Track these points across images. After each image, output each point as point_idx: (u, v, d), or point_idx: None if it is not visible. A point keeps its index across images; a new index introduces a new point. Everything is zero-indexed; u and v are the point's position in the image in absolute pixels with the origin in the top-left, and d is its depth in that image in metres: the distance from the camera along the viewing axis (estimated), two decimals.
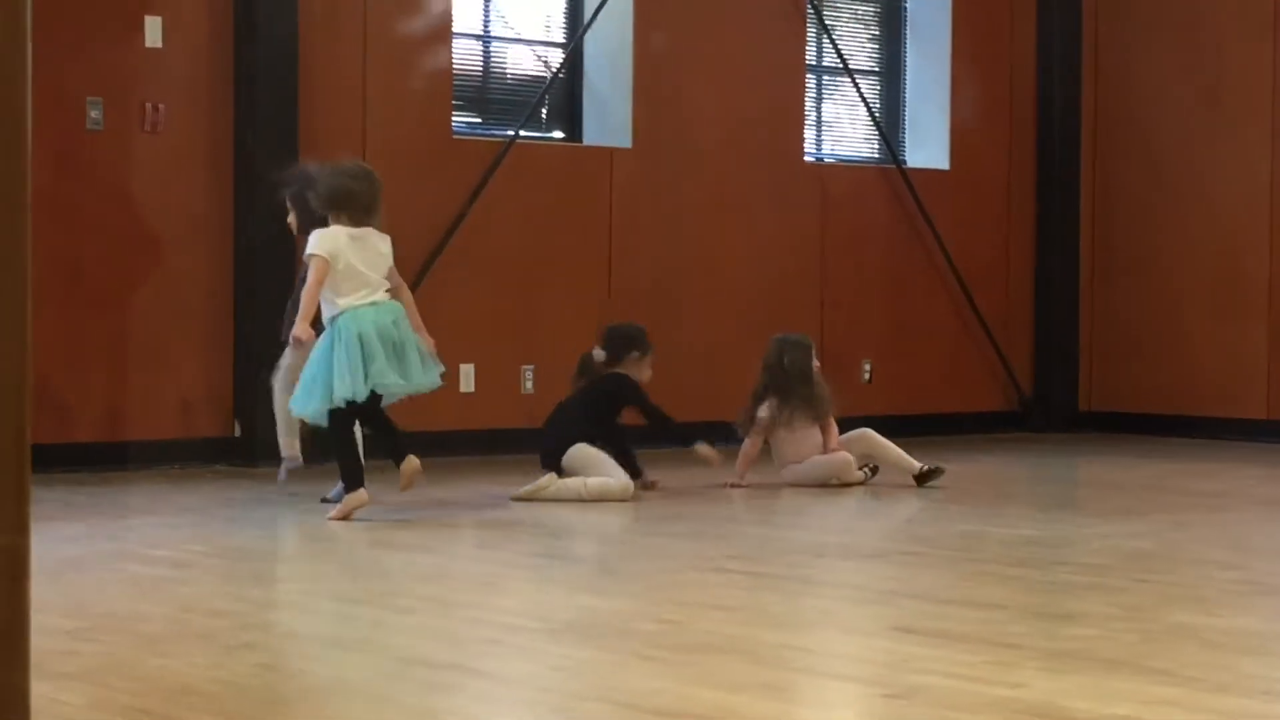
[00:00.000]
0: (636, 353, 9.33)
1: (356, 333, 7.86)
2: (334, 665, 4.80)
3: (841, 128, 13.11)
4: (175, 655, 4.93)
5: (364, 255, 7.99)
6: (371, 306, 7.95)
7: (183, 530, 7.71)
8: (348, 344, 7.85)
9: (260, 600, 6.00)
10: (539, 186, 11.31)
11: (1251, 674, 4.76)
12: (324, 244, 7.93)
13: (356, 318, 7.89)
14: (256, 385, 9.89)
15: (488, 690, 4.58)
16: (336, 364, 7.86)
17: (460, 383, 10.97)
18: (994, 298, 13.29)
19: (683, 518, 8.38)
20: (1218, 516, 8.48)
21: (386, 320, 7.94)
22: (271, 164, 10.01)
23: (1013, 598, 6.06)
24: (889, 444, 9.51)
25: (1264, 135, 12.65)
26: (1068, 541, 7.57)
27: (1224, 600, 6.00)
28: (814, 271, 12.45)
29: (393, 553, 7.30)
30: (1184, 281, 13.06)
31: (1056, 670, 4.73)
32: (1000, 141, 13.38)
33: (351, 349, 7.85)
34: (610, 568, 6.84)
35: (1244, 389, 12.69)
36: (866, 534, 8.23)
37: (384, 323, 7.93)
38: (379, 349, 7.87)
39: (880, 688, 4.60)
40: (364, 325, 7.87)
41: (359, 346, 7.85)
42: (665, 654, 4.95)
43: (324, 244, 7.93)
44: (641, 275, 11.65)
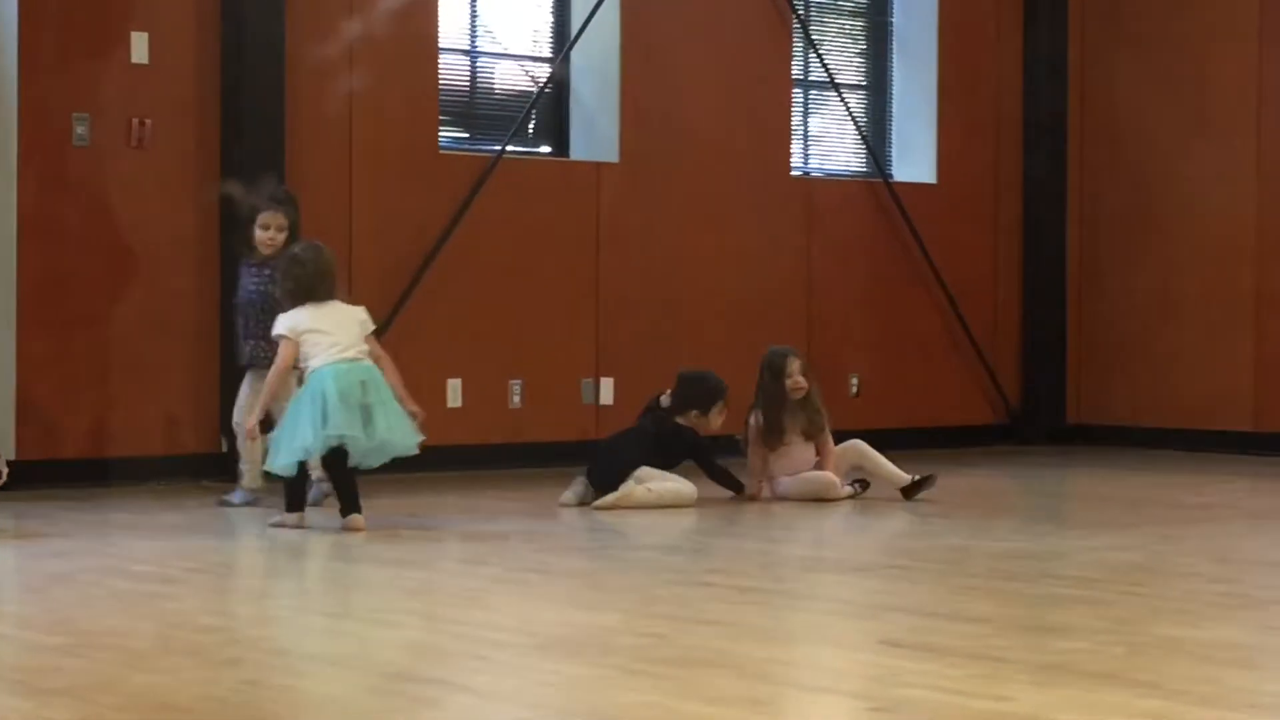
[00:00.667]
0: (696, 412, 9.38)
1: (321, 390, 8.02)
2: (320, 681, 4.79)
3: (829, 142, 13.12)
4: (161, 671, 4.92)
5: (331, 319, 8.21)
6: (342, 364, 8.10)
7: (169, 546, 7.69)
8: (310, 398, 8.03)
9: (246, 616, 5.99)
10: (526, 201, 11.31)
11: (1238, 687, 4.76)
12: (287, 323, 8.19)
13: (323, 375, 8.06)
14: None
15: (474, 705, 4.58)
16: (299, 418, 8.04)
17: (448, 397, 10.97)
18: (981, 311, 13.30)
19: (669, 531, 8.38)
20: (1205, 529, 8.49)
21: (354, 379, 8.08)
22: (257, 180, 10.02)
23: (1000, 611, 6.06)
24: (879, 456, 9.51)
25: (1249, 150, 12.67)
26: (1055, 554, 7.57)
27: (1211, 613, 6.00)
28: (801, 285, 12.45)
29: (379, 568, 7.29)
30: (1170, 294, 13.08)
31: (1043, 683, 4.72)
32: (987, 156, 13.39)
33: (314, 403, 8.01)
34: (597, 582, 6.83)
35: (1230, 402, 12.70)
36: (853, 548, 8.23)
37: (350, 381, 8.06)
38: (339, 405, 7.99)
39: (867, 701, 4.60)
40: (328, 383, 8.02)
41: (321, 401, 8.00)
42: (651, 668, 4.95)
43: (287, 323, 8.19)
44: (629, 290, 11.65)
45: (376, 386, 8.14)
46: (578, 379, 11.49)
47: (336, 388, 8.00)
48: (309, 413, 8.00)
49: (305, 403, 8.04)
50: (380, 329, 10.62)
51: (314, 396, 8.02)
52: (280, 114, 10.28)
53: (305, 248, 8.48)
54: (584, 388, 11.51)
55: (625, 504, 8.90)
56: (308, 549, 7.72)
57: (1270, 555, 7.72)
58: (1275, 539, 8.58)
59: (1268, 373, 12.54)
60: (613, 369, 11.57)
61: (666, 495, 9.00)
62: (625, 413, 11.16)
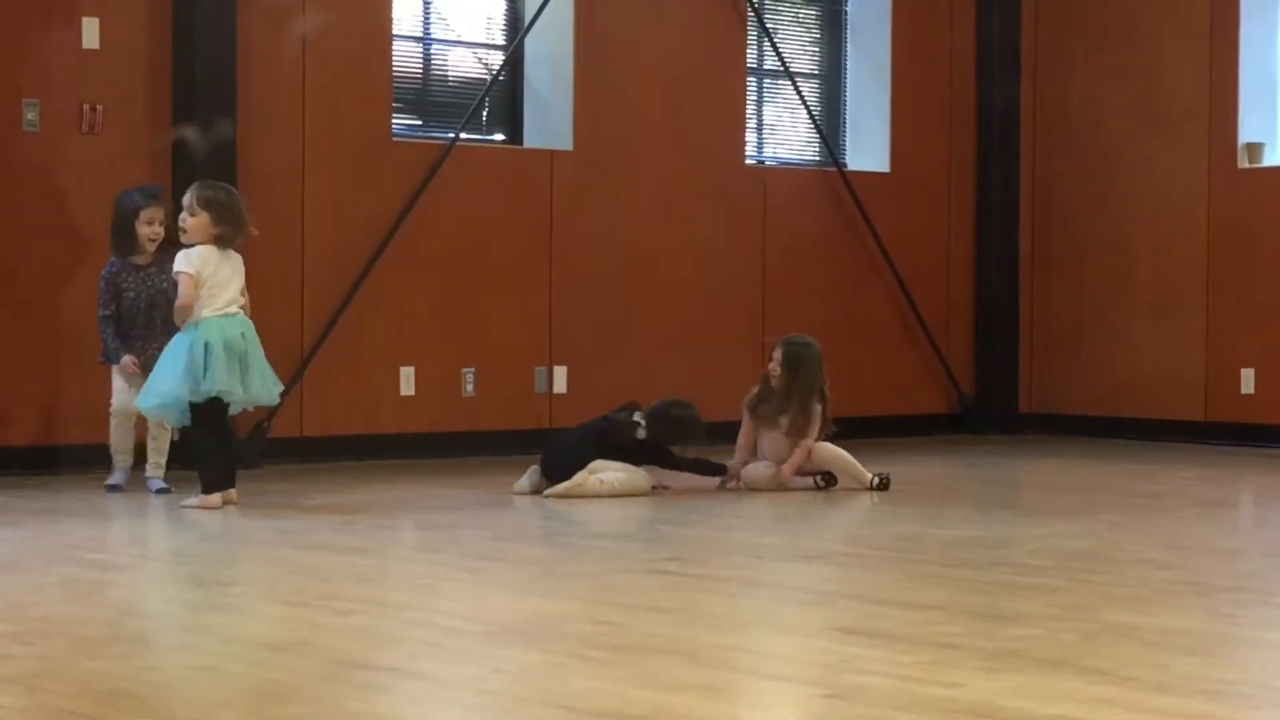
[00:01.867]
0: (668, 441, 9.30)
1: (205, 340, 8.25)
2: (271, 667, 4.77)
3: (783, 131, 13.13)
4: (111, 658, 4.90)
5: (228, 267, 8.41)
6: (226, 318, 8.34)
7: (119, 533, 7.66)
8: (193, 348, 8.24)
9: (197, 603, 5.96)
10: (480, 189, 11.29)
11: (1188, 673, 4.78)
12: (196, 262, 8.32)
13: (210, 326, 8.28)
14: None
15: (427, 693, 4.56)
16: (181, 365, 8.25)
17: (400, 385, 10.95)
18: (934, 300, 13.33)
19: (623, 519, 8.38)
20: (1156, 517, 8.52)
21: (236, 332, 8.34)
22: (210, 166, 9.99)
23: (952, 598, 6.07)
24: (844, 454, 9.46)
25: (1201, 137, 12.73)
26: (1007, 542, 7.59)
27: (1162, 600, 6.02)
28: (755, 274, 12.46)
29: (332, 555, 7.27)
30: (1123, 284, 13.13)
31: (995, 670, 4.74)
32: (940, 144, 13.42)
33: (196, 353, 8.24)
34: (550, 570, 6.82)
35: (1182, 391, 12.77)
36: (806, 535, 8.23)
37: (234, 334, 8.33)
38: (222, 357, 8.25)
39: (819, 688, 4.61)
40: (213, 334, 8.26)
41: (204, 352, 8.23)
42: (605, 655, 4.94)
43: (196, 262, 8.32)
44: (582, 278, 11.64)
45: (252, 340, 8.40)
46: (531, 367, 11.48)
47: (222, 341, 8.25)
48: (187, 361, 8.23)
49: (183, 351, 8.26)
50: (333, 317, 10.63)
51: (195, 347, 8.24)
52: (233, 101, 10.24)
53: (226, 188, 8.60)
54: (537, 376, 11.50)
55: (577, 493, 8.89)
56: (259, 536, 7.69)
57: (1220, 543, 7.76)
58: (1225, 527, 8.63)
59: (1219, 363, 12.61)
60: (566, 358, 11.56)
61: (619, 485, 8.99)
62: (578, 401, 11.17)
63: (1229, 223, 12.62)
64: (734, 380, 11.76)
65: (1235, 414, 12.52)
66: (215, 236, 8.37)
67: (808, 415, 9.42)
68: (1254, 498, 9.95)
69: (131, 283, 9.09)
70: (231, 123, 10.17)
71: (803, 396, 9.44)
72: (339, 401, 10.42)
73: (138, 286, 9.09)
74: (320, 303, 10.57)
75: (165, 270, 8.88)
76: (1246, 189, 12.59)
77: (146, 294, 9.07)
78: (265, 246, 10.43)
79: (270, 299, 10.33)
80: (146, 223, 9.10)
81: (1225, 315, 12.61)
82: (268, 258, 10.46)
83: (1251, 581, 6.53)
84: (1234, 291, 12.59)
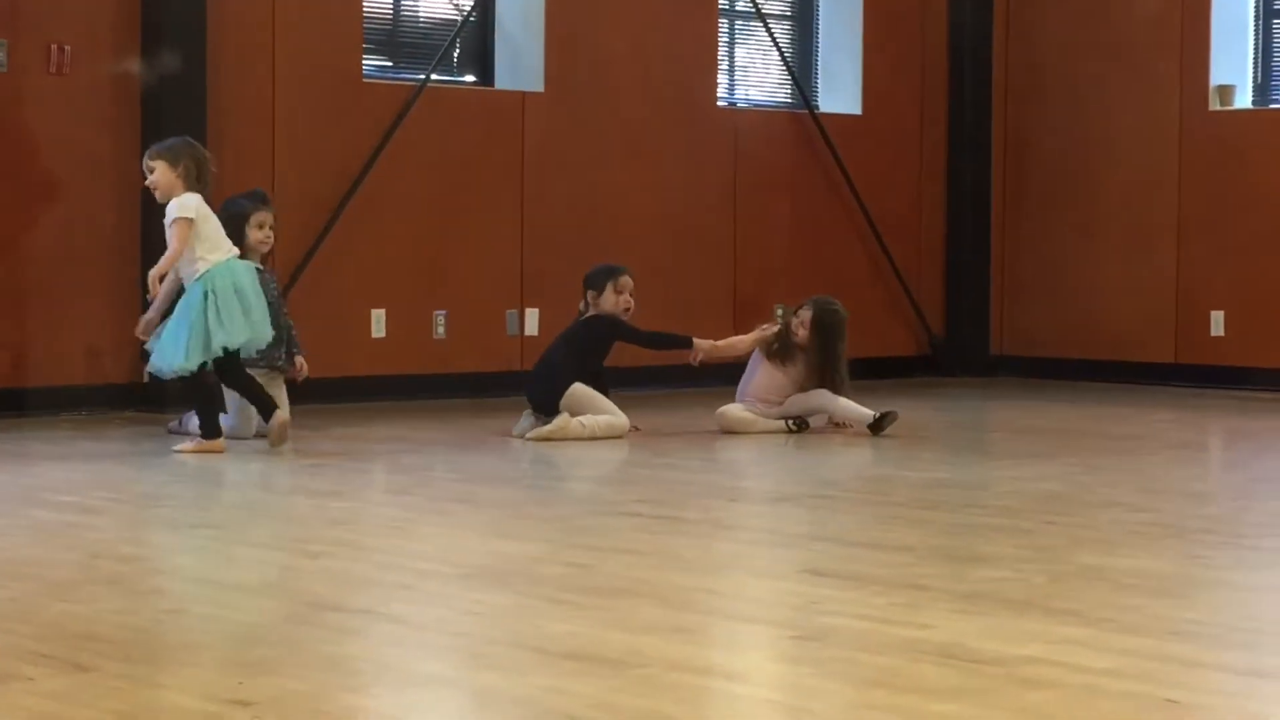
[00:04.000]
0: (592, 291, 9.44)
1: (232, 284, 8.19)
2: (243, 610, 4.77)
3: (754, 72, 13.09)
4: (82, 601, 4.89)
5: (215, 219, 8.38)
6: (236, 261, 8.32)
7: (90, 476, 7.64)
8: (223, 295, 8.16)
9: (168, 546, 5.95)
10: (450, 131, 11.24)
11: (1159, 615, 4.80)
12: (188, 209, 8.23)
13: (228, 270, 8.23)
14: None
15: (399, 635, 4.57)
16: (212, 315, 8.14)
17: (372, 328, 10.92)
18: (906, 242, 13.33)
19: (596, 462, 8.39)
20: (1126, 459, 8.55)
21: (249, 277, 8.32)
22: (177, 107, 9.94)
23: (923, 540, 6.09)
24: (843, 400, 9.45)
25: (1172, 80, 12.72)
26: (978, 485, 7.62)
27: (1132, 542, 6.05)
28: (726, 216, 12.44)
29: (303, 498, 7.27)
30: (1094, 227, 13.14)
31: (965, 611, 4.75)
32: (912, 86, 13.39)
33: (227, 299, 8.16)
34: (522, 512, 6.83)
35: (1153, 333, 12.79)
36: (778, 478, 8.25)
37: (248, 279, 8.31)
38: (253, 301, 8.25)
39: (790, 630, 4.62)
40: (238, 277, 8.23)
41: (234, 297, 8.18)
42: (576, 598, 4.95)
43: (188, 209, 8.23)
44: (554, 220, 11.61)
45: (253, 282, 8.35)
46: (502, 310, 11.45)
47: (249, 285, 8.24)
48: (221, 309, 8.15)
49: (214, 299, 8.16)
50: (303, 259, 10.59)
51: (224, 293, 8.17)
52: (201, 41, 10.17)
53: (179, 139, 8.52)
54: (509, 319, 11.48)
55: (559, 436, 8.91)
56: (231, 479, 7.69)
57: (1191, 486, 7.79)
58: (1196, 470, 8.67)
59: (1189, 305, 12.64)
60: (537, 300, 11.54)
61: (599, 427, 9.02)
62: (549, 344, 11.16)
63: (1200, 165, 12.63)
64: (703, 323, 11.77)
65: (1205, 356, 12.55)
66: (188, 180, 8.30)
67: (835, 386, 9.44)
68: (1224, 440, 9.99)
69: None
70: (198, 58, 10.09)
71: (834, 365, 9.46)
72: (310, 344, 10.34)
73: None
74: (290, 245, 10.52)
75: (272, 278, 8.87)
76: (1218, 131, 12.59)
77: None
78: (234, 188, 10.40)
79: None
80: (258, 226, 8.83)
81: (1196, 258, 12.63)
82: None
83: (1221, 524, 6.56)
84: (1204, 234, 12.60)
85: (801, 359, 9.48)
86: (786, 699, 3.97)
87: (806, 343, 9.48)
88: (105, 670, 4.05)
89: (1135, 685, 3.96)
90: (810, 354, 9.47)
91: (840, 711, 3.81)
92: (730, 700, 3.94)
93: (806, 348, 9.48)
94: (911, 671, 4.09)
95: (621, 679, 4.00)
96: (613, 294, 9.41)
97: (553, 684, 3.96)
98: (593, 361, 9.31)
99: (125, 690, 3.86)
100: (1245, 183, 12.42)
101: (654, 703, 3.81)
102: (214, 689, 3.86)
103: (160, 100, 9.99)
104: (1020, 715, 3.69)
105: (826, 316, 9.53)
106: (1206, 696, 3.97)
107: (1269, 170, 12.31)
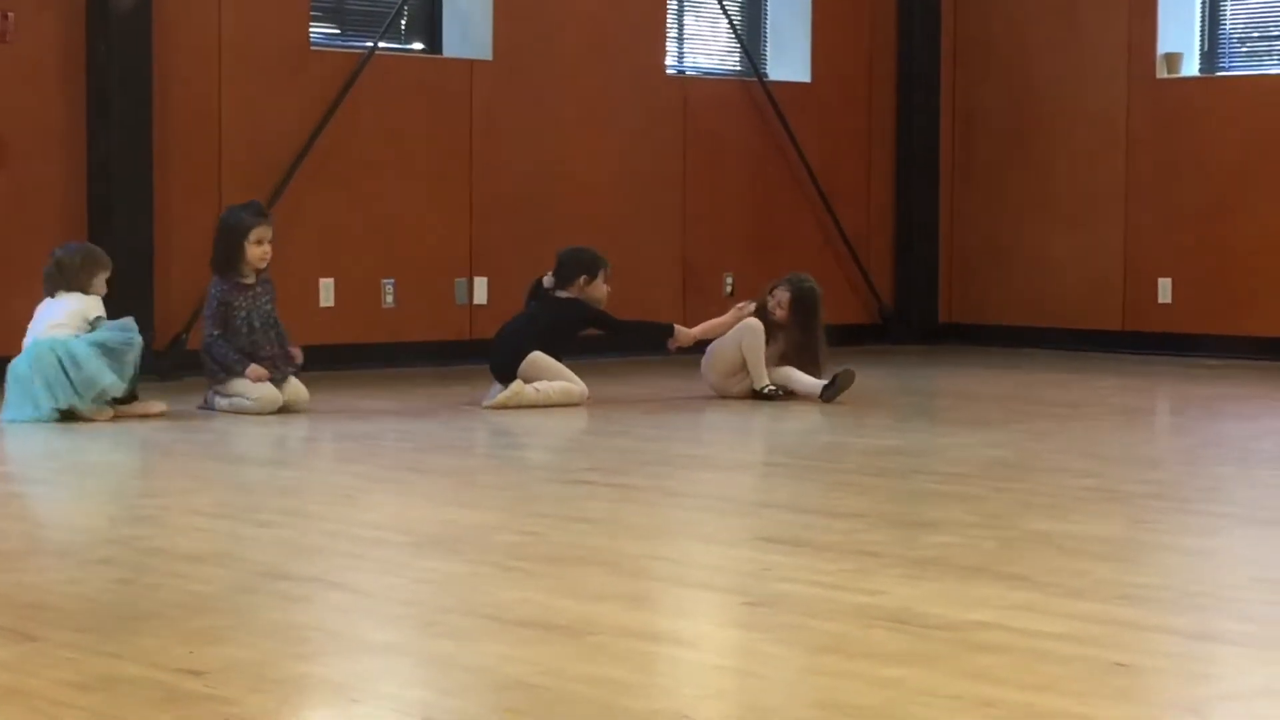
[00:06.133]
0: (585, 277, 9.37)
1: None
2: (192, 579, 4.76)
3: (703, 40, 13.07)
4: (31, 571, 4.87)
5: None
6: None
7: (37, 446, 7.60)
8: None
9: (117, 516, 5.93)
10: (399, 99, 11.20)
11: (1106, 579, 4.83)
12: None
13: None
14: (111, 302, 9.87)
15: (350, 603, 4.56)
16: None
17: (320, 297, 10.89)
18: (855, 210, 13.34)
19: (549, 430, 8.39)
20: (1074, 426, 8.59)
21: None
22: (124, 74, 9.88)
23: (873, 507, 6.11)
24: (796, 373, 9.45)
25: (1120, 47, 12.76)
26: (927, 451, 7.64)
27: (1079, 507, 6.08)
28: (676, 184, 12.43)
29: (251, 467, 7.25)
30: (1042, 194, 13.17)
31: (916, 577, 4.77)
32: (861, 54, 13.40)
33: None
34: (473, 481, 6.82)
35: (1100, 301, 12.84)
36: (728, 445, 8.26)
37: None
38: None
39: (741, 596, 4.63)
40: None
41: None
42: (528, 565, 4.95)
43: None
44: (503, 188, 11.59)
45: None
46: (451, 278, 11.43)
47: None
48: None
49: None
50: None
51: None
52: (148, 7, 10.10)
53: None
54: (458, 287, 11.45)
55: (514, 403, 8.89)
56: (178, 449, 7.66)
57: (1138, 451, 7.84)
58: (1143, 435, 8.71)
59: (1137, 273, 12.69)
60: (486, 268, 11.52)
61: (555, 394, 9.01)
62: (499, 312, 11.13)
63: (1147, 133, 12.67)
64: (652, 291, 11.78)
65: (1153, 323, 12.61)
66: None
67: (817, 362, 9.44)
68: (1171, 406, 10.04)
69: (241, 302, 8.76)
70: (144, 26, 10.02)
71: (817, 343, 9.48)
72: None
73: (247, 305, 8.76)
74: None
75: (267, 290, 8.82)
76: (1165, 99, 12.64)
77: (256, 313, 8.77)
78: (182, 156, 10.35)
79: (188, 209, 10.25)
80: (256, 242, 8.76)
81: (1143, 225, 12.67)
82: (184, 168, 10.37)
83: (1168, 489, 6.60)
84: (1152, 202, 12.65)
85: (780, 337, 9.48)
86: (738, 664, 3.98)
87: (786, 322, 9.48)
88: (55, 640, 4.03)
89: (1084, 649, 3.98)
90: (792, 333, 9.48)
91: (792, 677, 3.82)
92: (682, 666, 3.95)
93: (787, 326, 9.48)
94: (862, 637, 4.11)
95: (574, 646, 4.01)
96: (603, 282, 9.40)
97: (505, 651, 3.96)
98: (560, 342, 9.29)
99: (75, 660, 3.85)
100: (1192, 150, 12.46)
101: (606, 669, 3.81)
102: (164, 658, 3.85)
103: (106, 67, 9.92)
104: (970, 679, 3.71)
105: (806, 296, 9.54)
106: (1155, 659, 4.00)
107: (1216, 138, 12.36)
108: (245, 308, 8.77)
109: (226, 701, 3.53)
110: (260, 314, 8.80)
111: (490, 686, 3.70)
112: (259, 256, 8.80)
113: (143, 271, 10.08)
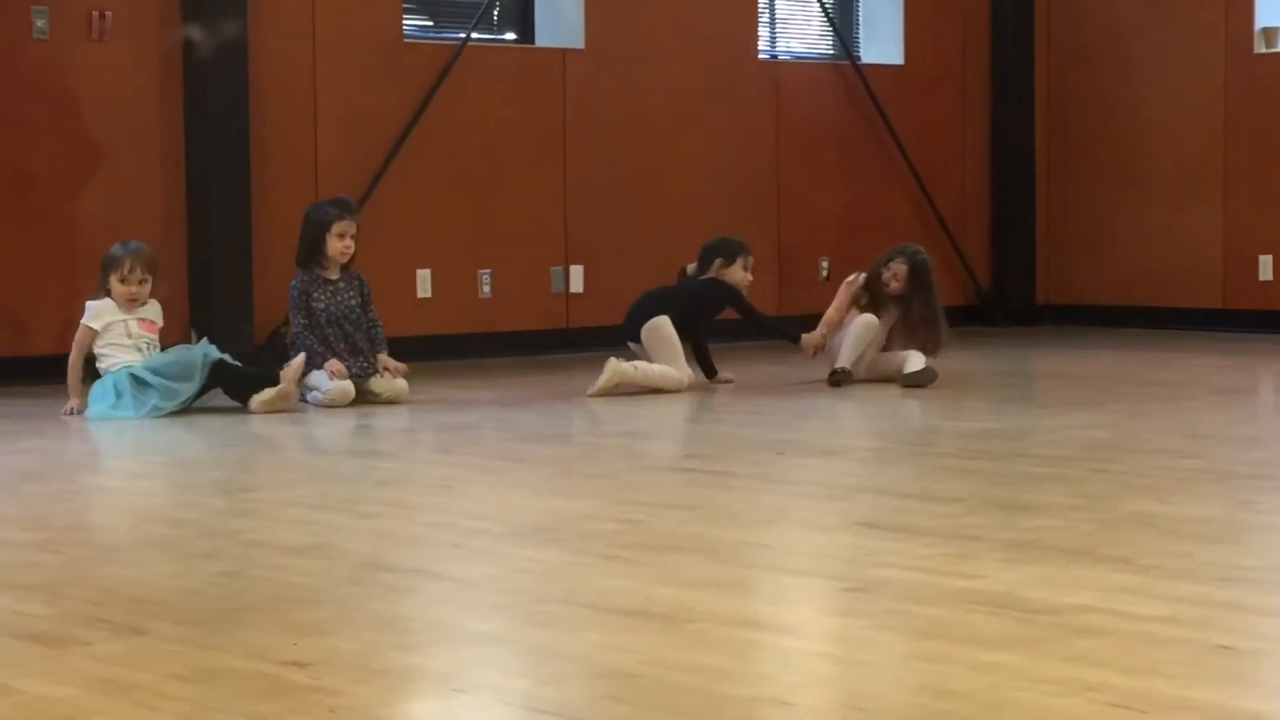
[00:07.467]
0: (721, 259, 9.44)
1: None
2: (296, 572, 4.80)
3: (795, 24, 13.04)
4: (136, 565, 4.93)
5: None
6: None
7: (141, 441, 7.68)
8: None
9: (220, 509, 5.99)
10: (492, 89, 11.24)
11: (1208, 561, 4.79)
12: None
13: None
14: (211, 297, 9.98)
15: (451, 593, 4.59)
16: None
17: (417, 288, 10.94)
18: (950, 192, 13.28)
19: (644, 418, 8.39)
20: (1174, 406, 8.52)
21: None
22: (221, 72, 9.95)
23: (972, 490, 6.08)
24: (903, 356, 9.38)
25: (1217, 22, 12.63)
26: (1026, 433, 7.60)
27: (1180, 488, 6.03)
28: (770, 170, 12.41)
29: (352, 459, 7.30)
30: (1139, 172, 13.07)
31: (1015, 561, 4.75)
32: (954, 35, 13.32)
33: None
34: (571, 470, 6.84)
35: (1199, 279, 12.73)
36: (825, 431, 8.25)
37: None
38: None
39: (840, 582, 4.63)
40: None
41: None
42: (627, 554, 4.96)
43: None
44: (596, 177, 11.61)
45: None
46: (547, 267, 11.46)
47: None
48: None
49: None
50: None
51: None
52: (243, 3, 10.17)
53: None
54: (553, 276, 11.48)
55: (614, 383, 8.88)
56: (279, 441, 7.72)
57: (1238, 431, 7.76)
58: (1243, 414, 8.63)
59: (1236, 250, 12.57)
60: (582, 257, 11.54)
61: (654, 375, 9.02)
62: (595, 300, 11.19)
63: (1245, 109, 12.54)
64: None
65: (1253, 301, 12.48)
66: None
67: (937, 338, 9.39)
68: (1272, 385, 9.94)
69: (321, 296, 8.80)
70: (239, 23, 10.11)
71: (937, 315, 9.41)
72: None
73: (328, 299, 8.80)
74: None
75: (353, 285, 8.87)
76: (1263, 74, 12.50)
77: (337, 307, 8.81)
78: (278, 152, 10.42)
79: (285, 204, 10.31)
80: (339, 236, 8.80)
81: (1242, 203, 12.55)
82: (281, 163, 10.44)
83: (1270, 468, 6.54)
84: (1250, 178, 12.52)
85: (894, 310, 9.42)
86: (838, 651, 3.98)
87: (905, 294, 9.41)
88: (161, 634, 4.08)
89: (1187, 632, 3.95)
90: (914, 305, 9.39)
91: (892, 662, 3.81)
92: (782, 654, 3.95)
93: (907, 300, 9.41)
94: (963, 622, 4.09)
95: (673, 634, 4.02)
96: (741, 269, 9.45)
97: (605, 640, 3.98)
98: (694, 317, 9.35)
99: (182, 653, 3.89)
100: None
101: (706, 657, 3.82)
102: (269, 651, 3.89)
103: (202, 65, 10.01)
104: (1072, 664, 3.69)
105: (922, 266, 9.45)
106: (1259, 642, 3.97)
107: None
108: (325, 301, 8.81)
109: (330, 693, 3.56)
110: (341, 309, 8.83)
111: (590, 675, 3.72)
112: (340, 250, 8.83)
113: (242, 267, 10.17)
